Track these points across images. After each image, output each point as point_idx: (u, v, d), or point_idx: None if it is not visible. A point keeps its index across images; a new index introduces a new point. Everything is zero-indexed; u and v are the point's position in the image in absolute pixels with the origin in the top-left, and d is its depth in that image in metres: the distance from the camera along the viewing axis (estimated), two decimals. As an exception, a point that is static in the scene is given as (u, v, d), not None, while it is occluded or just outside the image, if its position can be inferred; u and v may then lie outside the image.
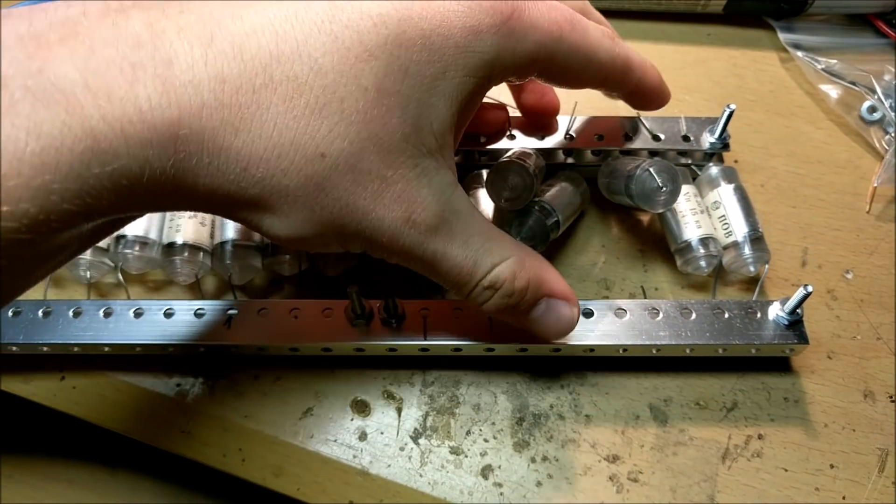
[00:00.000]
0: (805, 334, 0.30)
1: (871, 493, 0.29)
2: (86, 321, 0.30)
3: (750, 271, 0.33)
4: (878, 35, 0.43)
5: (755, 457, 0.29)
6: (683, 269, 0.33)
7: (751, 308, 0.30)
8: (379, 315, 0.30)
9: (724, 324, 0.30)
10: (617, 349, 0.30)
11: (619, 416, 0.30)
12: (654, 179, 0.30)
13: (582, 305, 0.30)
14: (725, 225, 0.33)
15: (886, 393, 0.31)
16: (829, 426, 0.30)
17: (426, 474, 0.29)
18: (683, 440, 0.30)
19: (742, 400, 0.31)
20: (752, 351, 0.30)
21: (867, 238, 0.36)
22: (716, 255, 0.32)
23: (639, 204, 0.32)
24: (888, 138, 0.38)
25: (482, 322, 0.30)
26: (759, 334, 0.30)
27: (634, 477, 0.29)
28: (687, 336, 0.30)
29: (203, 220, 0.33)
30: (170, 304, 0.31)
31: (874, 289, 0.34)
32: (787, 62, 0.43)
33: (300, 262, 0.33)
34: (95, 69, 0.17)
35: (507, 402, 0.31)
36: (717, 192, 0.34)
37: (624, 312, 0.30)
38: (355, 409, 0.31)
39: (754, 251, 0.32)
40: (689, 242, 0.32)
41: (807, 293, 0.28)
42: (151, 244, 0.32)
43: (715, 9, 0.44)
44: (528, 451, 0.29)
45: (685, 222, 0.33)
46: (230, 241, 0.32)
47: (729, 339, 0.29)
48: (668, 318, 0.30)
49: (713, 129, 0.34)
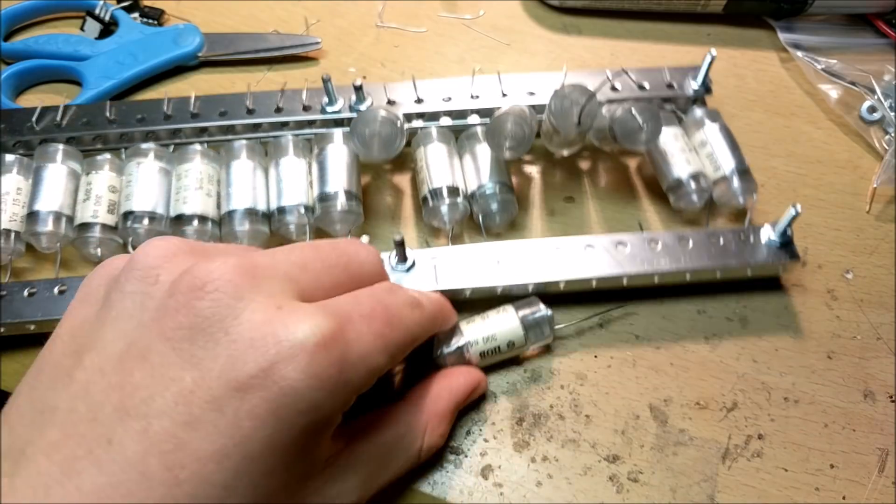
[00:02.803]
0: (796, 252, 0.32)
1: (871, 493, 0.29)
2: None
3: (739, 202, 0.34)
4: (878, 35, 0.43)
5: (755, 457, 0.29)
6: (676, 206, 0.35)
7: (743, 233, 0.32)
8: (389, 262, 0.31)
9: (719, 249, 0.32)
10: (620, 280, 0.31)
11: (619, 416, 0.30)
12: (634, 119, 0.32)
13: (584, 241, 0.32)
14: (713, 161, 0.35)
15: (886, 393, 0.31)
16: (829, 426, 0.30)
17: (426, 474, 0.29)
18: (683, 440, 0.30)
19: (742, 400, 0.31)
20: (748, 272, 0.32)
21: (867, 238, 0.36)
22: (706, 189, 0.34)
23: (623, 144, 0.33)
24: (888, 138, 0.38)
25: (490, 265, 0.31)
26: (752, 256, 0.32)
27: (634, 477, 0.29)
28: (687, 262, 0.31)
29: (209, 192, 0.33)
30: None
31: (874, 289, 0.34)
32: (787, 62, 0.43)
33: (308, 225, 0.33)
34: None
35: (507, 402, 0.31)
36: (704, 132, 0.36)
37: (625, 245, 0.32)
38: (355, 409, 0.31)
39: (742, 183, 0.34)
40: (681, 179, 0.34)
41: (796, 212, 0.30)
42: (159, 218, 0.33)
43: (715, 9, 0.44)
44: (528, 451, 0.29)
45: (675, 161, 0.35)
46: (238, 209, 0.32)
47: (726, 262, 0.31)
48: (666, 247, 0.32)
49: (695, 75, 0.37)
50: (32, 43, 0.42)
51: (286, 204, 0.33)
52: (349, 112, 0.36)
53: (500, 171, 0.34)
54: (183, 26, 0.43)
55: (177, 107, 0.36)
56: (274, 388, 0.19)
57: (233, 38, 0.43)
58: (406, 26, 0.45)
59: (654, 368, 0.31)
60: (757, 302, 0.33)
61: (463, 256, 0.32)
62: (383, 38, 0.44)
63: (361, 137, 0.33)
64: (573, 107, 0.31)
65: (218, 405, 0.19)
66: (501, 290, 0.32)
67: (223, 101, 0.36)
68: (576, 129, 0.31)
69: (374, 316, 0.22)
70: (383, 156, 0.33)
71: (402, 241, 0.30)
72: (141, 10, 0.44)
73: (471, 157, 0.35)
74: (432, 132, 0.35)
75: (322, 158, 0.34)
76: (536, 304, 0.30)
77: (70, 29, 0.44)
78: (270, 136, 0.36)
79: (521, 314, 0.30)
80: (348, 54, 0.43)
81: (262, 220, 0.33)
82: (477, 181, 0.34)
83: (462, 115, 0.36)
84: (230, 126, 0.36)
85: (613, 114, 0.33)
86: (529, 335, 0.30)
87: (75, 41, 0.42)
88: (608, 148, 0.37)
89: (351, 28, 0.45)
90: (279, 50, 0.43)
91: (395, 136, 0.33)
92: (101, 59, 0.41)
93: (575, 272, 0.31)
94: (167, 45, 0.42)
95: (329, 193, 0.33)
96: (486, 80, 0.37)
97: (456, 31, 0.45)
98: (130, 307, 0.21)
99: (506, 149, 0.33)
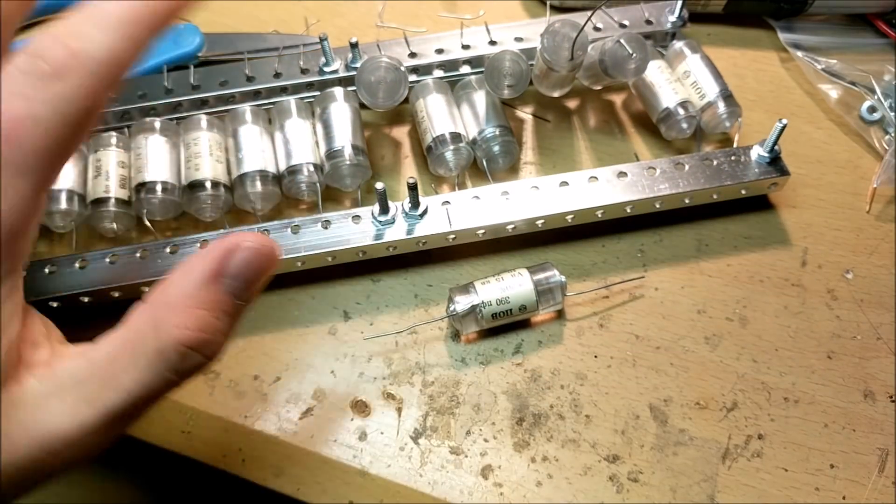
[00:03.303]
0: (785, 168, 0.34)
1: (871, 493, 0.29)
2: (123, 265, 0.31)
3: (726, 126, 0.37)
4: (878, 35, 0.43)
5: (755, 457, 0.29)
6: (668, 136, 0.37)
7: (734, 154, 0.34)
8: (403, 208, 0.32)
9: (714, 170, 0.34)
10: (623, 207, 0.33)
11: (619, 416, 0.30)
12: (624, 48, 0.33)
13: (588, 174, 0.33)
14: (698, 90, 0.37)
15: (886, 393, 0.31)
16: (829, 426, 0.30)
17: (426, 474, 0.29)
18: (683, 440, 0.30)
19: (742, 400, 0.31)
20: (742, 192, 0.34)
21: (867, 238, 0.36)
22: (695, 116, 0.36)
23: (613, 75, 0.34)
24: (888, 138, 0.38)
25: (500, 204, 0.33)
26: (745, 174, 0.34)
27: (634, 477, 0.29)
28: (685, 185, 0.33)
29: (219, 158, 0.34)
30: (203, 235, 0.32)
31: (874, 289, 0.34)
32: (787, 62, 0.43)
33: (319, 183, 0.34)
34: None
35: (507, 402, 0.31)
36: (686, 63, 0.38)
37: (625, 175, 0.34)
38: (355, 409, 0.31)
39: (728, 107, 0.36)
40: (669, 109, 0.36)
41: (782, 126, 0.32)
42: (172, 188, 0.33)
43: (715, 9, 0.44)
44: (528, 451, 0.29)
45: (662, 92, 0.37)
46: (249, 171, 0.33)
47: (721, 182, 0.33)
48: (664, 173, 0.34)
49: (672, 9, 0.39)
50: (32, 43, 0.42)
51: (295, 163, 0.34)
52: (346, 71, 0.37)
53: (499, 115, 0.36)
54: (183, 26, 0.43)
55: (177, 81, 0.37)
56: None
57: (233, 38, 0.43)
58: (406, 26, 0.45)
59: (654, 368, 0.31)
60: (757, 301, 0.33)
61: (472, 198, 0.33)
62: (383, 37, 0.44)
63: (367, 85, 0.34)
64: (564, 41, 0.32)
65: None
66: (513, 229, 0.33)
67: (222, 70, 0.37)
68: (568, 63, 0.32)
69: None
70: (388, 103, 0.35)
71: (415, 184, 0.31)
72: (141, 10, 0.44)
73: (468, 105, 0.36)
74: (429, 84, 0.37)
75: (326, 117, 0.35)
76: (551, 270, 0.31)
77: (70, 29, 0.44)
78: (271, 102, 0.37)
79: (535, 278, 0.31)
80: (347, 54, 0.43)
81: (274, 181, 0.34)
82: (477, 127, 0.35)
83: (454, 66, 0.38)
84: (231, 95, 0.37)
85: (603, 46, 0.34)
86: (541, 300, 0.31)
87: (75, 41, 0.42)
88: (597, 86, 0.38)
89: (351, 28, 0.45)
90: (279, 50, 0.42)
91: (399, 81, 0.34)
92: (101, 59, 0.41)
93: (582, 203, 0.33)
94: (167, 45, 0.42)
95: (336, 150, 0.34)
96: (475, 31, 0.39)
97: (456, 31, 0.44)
98: None
99: (505, 87, 0.34)
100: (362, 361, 0.32)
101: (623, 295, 0.34)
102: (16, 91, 0.18)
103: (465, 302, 0.31)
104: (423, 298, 0.33)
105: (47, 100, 0.19)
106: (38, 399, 0.20)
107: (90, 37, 0.19)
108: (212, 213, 0.34)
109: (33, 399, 0.20)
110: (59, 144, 0.19)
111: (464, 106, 0.37)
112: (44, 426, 0.20)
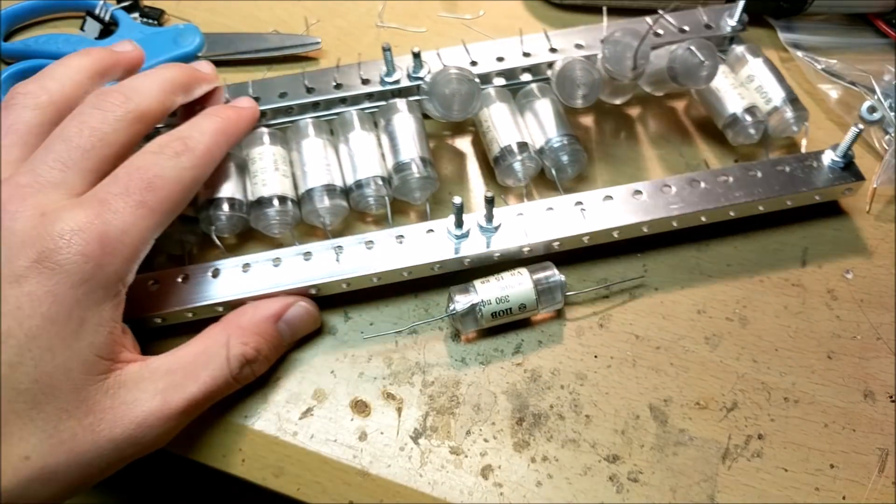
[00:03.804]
0: (860, 172, 0.34)
1: (871, 493, 0.29)
2: (196, 284, 0.31)
3: (794, 131, 0.36)
4: (878, 35, 0.43)
5: (755, 457, 0.29)
6: (734, 141, 0.36)
7: (806, 159, 0.34)
8: (478, 222, 0.32)
9: (787, 177, 0.33)
10: (698, 217, 0.33)
11: (619, 416, 0.30)
12: (695, 55, 0.33)
13: (660, 183, 0.33)
14: (763, 94, 0.36)
15: (886, 393, 0.31)
16: (829, 426, 0.30)
17: (426, 474, 0.29)
18: (683, 440, 0.30)
19: (742, 400, 0.31)
20: (816, 197, 0.34)
21: (867, 238, 0.36)
22: (762, 121, 0.36)
23: (683, 82, 0.34)
24: (888, 138, 0.38)
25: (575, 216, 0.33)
26: (819, 180, 0.33)
27: (634, 477, 0.29)
28: (759, 193, 0.33)
29: (285, 173, 0.34)
30: (276, 253, 0.31)
31: (874, 289, 0.34)
32: (788, 62, 0.43)
33: (387, 196, 0.34)
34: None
35: (507, 402, 0.31)
36: (749, 67, 0.37)
37: (698, 183, 0.33)
38: (355, 409, 0.31)
39: (795, 112, 0.36)
40: (736, 115, 0.36)
41: (858, 131, 0.32)
42: (239, 204, 0.33)
43: (715, 8, 0.44)
44: (528, 451, 0.29)
45: (728, 97, 0.36)
46: (316, 186, 0.33)
47: (797, 189, 0.33)
48: (737, 180, 0.33)
49: (731, 12, 0.38)
50: (32, 43, 0.42)
51: (362, 177, 0.33)
52: (408, 81, 0.36)
53: (564, 123, 0.35)
54: (183, 26, 0.43)
55: (235, 93, 0.36)
56: (45, 272, 0.24)
57: (233, 38, 0.43)
58: (406, 26, 0.45)
59: (654, 368, 0.31)
60: (757, 301, 0.33)
61: (546, 210, 0.33)
62: (383, 38, 0.44)
63: (441, 98, 0.33)
64: (627, 50, 0.32)
65: (2, 297, 0.24)
66: (588, 240, 0.32)
67: (280, 83, 0.37)
68: (631, 72, 0.32)
69: (129, 190, 0.26)
70: (462, 115, 0.34)
71: (492, 198, 0.30)
72: (141, 10, 0.44)
73: (531, 114, 0.36)
74: (491, 93, 0.36)
75: (391, 129, 0.35)
76: (551, 269, 0.31)
77: (70, 29, 0.44)
78: (329, 114, 0.37)
79: (535, 278, 0.31)
80: (348, 54, 0.43)
81: (341, 195, 0.33)
82: (543, 136, 0.35)
83: (513, 74, 0.38)
84: (289, 107, 0.36)
85: (673, 53, 0.33)
86: (541, 299, 0.31)
87: (75, 41, 0.42)
88: (659, 92, 0.38)
89: (351, 28, 0.45)
90: (279, 50, 0.43)
91: (473, 93, 0.33)
92: (101, 59, 0.41)
93: (656, 213, 0.32)
94: (167, 45, 0.42)
95: (404, 162, 0.33)
96: (534, 38, 0.38)
97: (456, 31, 0.45)
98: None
99: (580, 97, 0.34)
100: (362, 361, 0.32)
101: (623, 295, 0.34)
102: (153, 161, 0.28)
103: (464, 301, 0.30)
104: (423, 298, 0.33)
105: (171, 167, 0.28)
106: (138, 381, 0.26)
107: (195, 138, 0.30)
108: (280, 230, 0.33)
109: (133, 381, 0.26)
110: (176, 200, 0.28)
111: (527, 114, 0.36)
112: (140, 406, 0.26)
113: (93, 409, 0.25)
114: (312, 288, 0.31)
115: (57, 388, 0.24)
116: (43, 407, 0.24)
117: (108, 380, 0.25)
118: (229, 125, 0.32)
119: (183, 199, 0.28)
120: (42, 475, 0.23)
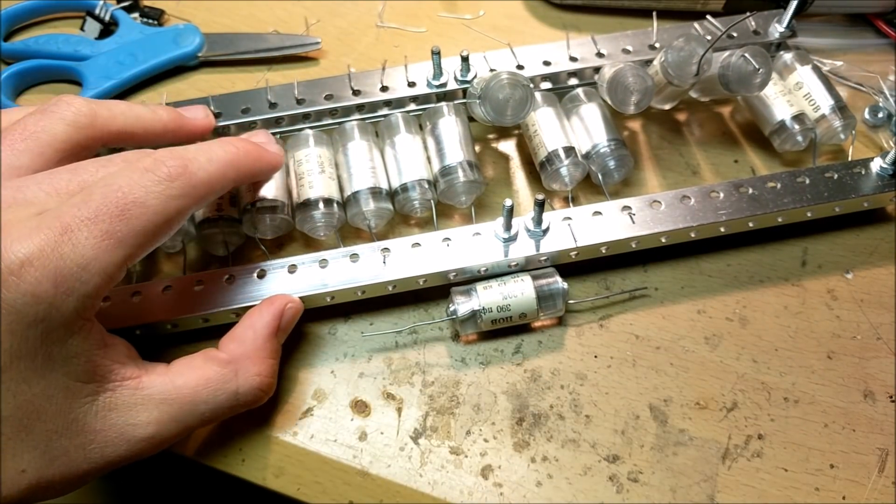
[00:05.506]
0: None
1: (871, 493, 0.29)
2: (239, 285, 0.31)
3: (841, 139, 0.36)
4: (878, 35, 0.43)
5: (755, 457, 0.29)
6: (781, 148, 0.37)
7: (854, 166, 0.34)
8: (527, 225, 0.32)
9: (835, 184, 0.33)
10: (746, 223, 0.33)
11: (619, 416, 0.30)
12: (749, 62, 0.33)
13: (707, 189, 0.33)
14: (811, 101, 0.36)
15: (886, 393, 0.31)
16: (829, 426, 0.30)
17: (426, 474, 0.29)
18: (683, 440, 0.30)
19: (742, 400, 0.31)
20: (865, 204, 0.34)
21: (867, 238, 0.36)
22: (811, 128, 0.36)
23: (736, 89, 0.34)
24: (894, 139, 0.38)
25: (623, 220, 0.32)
26: (867, 187, 0.33)
27: (634, 477, 0.29)
28: (807, 199, 0.33)
29: (330, 175, 0.33)
30: (322, 254, 0.31)
31: (874, 289, 0.34)
32: (788, 62, 0.43)
33: (433, 199, 0.34)
34: None
35: (507, 402, 0.31)
36: (797, 75, 0.37)
37: (745, 189, 0.33)
38: (355, 409, 0.31)
39: (843, 120, 0.36)
40: (784, 122, 0.36)
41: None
42: (281, 206, 0.33)
43: (715, 7, 0.44)
44: (528, 451, 0.29)
45: (776, 104, 0.36)
46: (362, 189, 0.33)
47: (846, 196, 0.33)
48: (785, 187, 0.33)
49: (780, 19, 0.38)
50: (32, 43, 0.42)
51: (407, 180, 0.33)
52: (455, 84, 0.36)
53: (611, 128, 0.35)
54: (183, 26, 0.43)
55: (279, 94, 0.36)
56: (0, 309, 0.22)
57: (233, 38, 0.43)
58: (406, 26, 0.45)
59: (654, 368, 0.31)
60: (757, 301, 0.33)
61: (593, 214, 0.33)
62: (383, 38, 0.44)
63: (495, 103, 0.33)
64: (691, 57, 0.32)
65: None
66: (636, 244, 0.33)
67: (326, 84, 0.36)
68: (694, 78, 0.32)
69: (99, 216, 0.23)
70: (514, 120, 0.33)
71: (543, 201, 0.30)
72: (141, 10, 0.44)
73: (577, 118, 0.36)
74: (538, 97, 0.36)
75: (437, 133, 0.34)
76: (553, 276, 0.31)
77: (70, 29, 0.44)
78: (375, 116, 0.37)
79: (537, 284, 0.31)
80: (348, 54, 0.43)
81: (386, 198, 0.33)
82: (590, 141, 0.35)
83: (559, 78, 0.38)
84: (333, 109, 0.36)
85: (725, 60, 0.33)
86: (542, 306, 0.31)
87: (75, 41, 0.42)
88: (705, 98, 0.38)
89: (351, 28, 0.45)
90: (279, 50, 0.43)
91: (526, 98, 0.33)
92: (102, 60, 0.41)
93: (703, 218, 0.32)
94: (167, 45, 0.42)
95: (450, 166, 0.33)
96: (582, 42, 0.38)
97: (456, 32, 0.45)
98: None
99: (632, 103, 0.34)
100: (362, 361, 0.32)
101: (623, 295, 0.34)
102: (138, 181, 0.24)
103: (465, 307, 0.30)
104: (423, 298, 0.33)
105: (158, 193, 0.24)
106: (130, 407, 0.25)
107: (199, 163, 0.26)
108: (325, 232, 0.33)
109: (125, 406, 0.25)
110: (153, 233, 0.24)
111: (573, 119, 0.36)
112: (132, 433, 0.25)
113: (83, 430, 0.24)
114: (359, 290, 0.31)
115: (42, 412, 0.23)
116: (32, 429, 0.23)
117: (97, 402, 0.24)
118: (244, 160, 0.29)
119: (162, 231, 0.25)
120: (40, 485, 0.23)
